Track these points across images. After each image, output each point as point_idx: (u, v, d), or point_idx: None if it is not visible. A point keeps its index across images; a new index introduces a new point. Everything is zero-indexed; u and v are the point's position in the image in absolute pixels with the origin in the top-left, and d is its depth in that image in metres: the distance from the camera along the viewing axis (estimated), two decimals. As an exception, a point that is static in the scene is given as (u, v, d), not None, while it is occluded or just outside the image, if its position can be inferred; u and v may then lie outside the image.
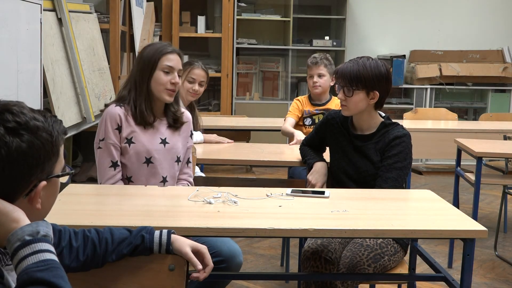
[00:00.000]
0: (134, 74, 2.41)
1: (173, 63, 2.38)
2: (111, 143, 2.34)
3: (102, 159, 2.35)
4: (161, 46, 2.40)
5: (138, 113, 2.36)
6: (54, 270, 1.08)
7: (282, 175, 5.81)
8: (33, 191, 1.15)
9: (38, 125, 1.14)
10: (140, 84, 2.37)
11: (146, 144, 2.38)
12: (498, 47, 6.90)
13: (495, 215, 4.40)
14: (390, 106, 6.63)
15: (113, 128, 2.34)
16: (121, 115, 2.35)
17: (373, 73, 2.37)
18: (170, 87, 2.36)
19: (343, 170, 2.49)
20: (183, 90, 3.42)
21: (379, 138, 2.42)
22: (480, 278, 3.45)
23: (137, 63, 2.41)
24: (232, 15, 6.16)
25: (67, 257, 1.41)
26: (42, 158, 1.14)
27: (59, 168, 1.21)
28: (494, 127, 4.37)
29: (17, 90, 2.92)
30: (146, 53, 2.39)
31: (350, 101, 2.39)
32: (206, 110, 6.38)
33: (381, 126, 2.46)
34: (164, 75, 2.36)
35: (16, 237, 1.10)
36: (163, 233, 1.51)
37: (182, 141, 2.51)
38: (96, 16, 4.78)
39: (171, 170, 2.46)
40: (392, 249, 2.29)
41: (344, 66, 2.42)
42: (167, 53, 2.37)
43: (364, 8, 6.89)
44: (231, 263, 2.31)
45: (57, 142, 1.18)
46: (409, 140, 2.41)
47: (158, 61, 2.36)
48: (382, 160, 2.39)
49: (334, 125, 2.57)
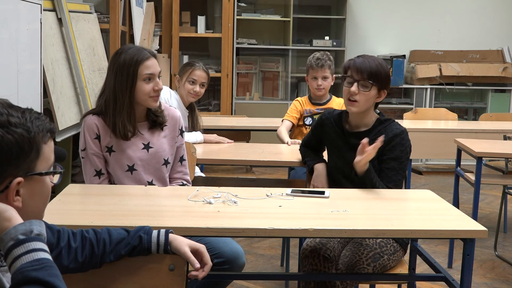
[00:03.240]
0: (111, 86, 2.30)
1: (152, 70, 2.30)
2: (92, 152, 2.33)
3: (86, 169, 2.35)
4: (135, 53, 2.29)
5: (118, 128, 2.30)
6: (48, 269, 1.07)
7: (282, 175, 5.81)
8: (8, 188, 1.14)
9: (11, 121, 1.13)
10: (121, 97, 2.28)
11: (127, 152, 2.34)
12: (498, 47, 6.90)
13: (495, 215, 4.40)
14: (390, 106, 6.63)
15: (92, 138, 2.32)
16: (98, 124, 2.32)
17: (386, 72, 2.39)
18: (154, 94, 2.31)
19: (340, 170, 2.48)
20: (184, 91, 3.42)
21: (375, 135, 2.37)
22: (480, 278, 3.45)
23: (114, 74, 2.30)
24: (232, 15, 6.16)
25: (65, 258, 1.41)
26: (15, 153, 1.13)
27: (44, 166, 1.19)
28: (494, 127, 4.36)
29: (17, 90, 2.92)
30: (121, 63, 2.28)
31: (364, 96, 2.35)
32: (206, 110, 6.38)
33: (377, 122, 2.44)
34: (146, 83, 2.29)
35: (9, 236, 1.09)
36: (161, 233, 1.51)
37: (169, 142, 2.44)
38: (96, 16, 4.78)
39: (157, 174, 2.42)
40: (392, 248, 2.30)
41: (360, 60, 2.37)
42: (144, 60, 2.28)
43: (364, 8, 6.89)
44: (233, 264, 2.31)
45: (36, 139, 1.16)
46: (407, 136, 2.41)
47: (137, 72, 2.27)
48: (383, 159, 2.37)
49: (329, 125, 2.55)
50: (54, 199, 1.98)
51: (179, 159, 2.52)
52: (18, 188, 1.15)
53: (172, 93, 3.44)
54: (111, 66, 2.34)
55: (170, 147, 2.45)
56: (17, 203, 1.15)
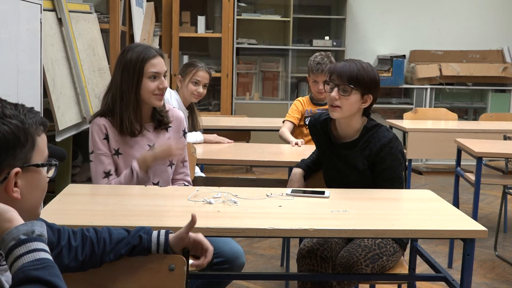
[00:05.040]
0: (117, 83, 2.33)
1: (158, 68, 2.32)
2: (101, 153, 2.33)
3: (95, 171, 2.34)
4: (142, 51, 2.31)
5: (125, 124, 2.31)
6: (50, 268, 1.08)
7: (282, 175, 5.81)
8: (7, 179, 1.15)
9: (5, 112, 1.15)
10: (127, 94, 2.30)
11: (134, 155, 2.35)
12: (498, 47, 6.90)
13: (495, 215, 4.41)
14: (390, 106, 6.63)
15: (101, 139, 2.33)
16: (107, 125, 2.33)
17: (370, 76, 2.28)
18: (158, 92, 2.32)
19: (332, 178, 2.44)
20: (187, 92, 3.42)
21: (364, 145, 2.31)
22: (480, 278, 3.45)
23: (120, 72, 2.32)
24: (232, 15, 6.16)
25: (66, 257, 1.41)
26: (12, 143, 1.15)
27: (39, 158, 1.21)
28: (494, 127, 4.37)
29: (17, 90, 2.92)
30: (128, 61, 2.30)
31: (346, 101, 2.26)
32: (206, 110, 6.38)
33: (364, 131, 2.33)
34: (151, 81, 2.30)
35: (11, 236, 1.10)
36: (161, 233, 1.52)
37: (173, 143, 2.44)
38: (96, 16, 4.77)
39: (163, 175, 2.43)
40: (391, 249, 2.28)
41: (341, 65, 2.30)
42: (151, 58, 2.30)
43: (364, 8, 6.89)
44: (233, 264, 2.31)
45: (30, 130, 1.18)
46: (397, 142, 2.31)
47: (143, 69, 2.29)
48: (376, 171, 2.31)
49: (317, 133, 2.48)
50: (54, 199, 1.99)
51: (180, 161, 2.52)
52: (16, 180, 1.17)
53: (172, 93, 3.44)
54: (118, 63, 2.36)
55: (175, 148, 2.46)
56: (16, 194, 1.17)
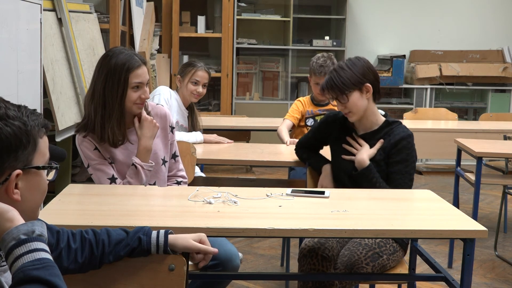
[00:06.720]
0: (100, 90, 2.26)
1: (142, 78, 2.27)
2: (97, 163, 2.30)
3: (99, 181, 2.31)
4: (127, 60, 2.24)
5: (108, 134, 2.26)
6: (50, 268, 1.08)
7: (282, 175, 5.81)
8: (7, 180, 1.15)
9: (9, 113, 1.15)
10: (111, 104, 2.25)
11: (125, 162, 2.33)
12: (498, 47, 6.90)
13: (495, 215, 4.40)
14: (390, 106, 6.63)
15: (92, 150, 2.30)
16: (92, 139, 2.30)
17: (352, 70, 2.39)
18: (139, 102, 2.28)
19: (345, 170, 2.48)
20: (187, 92, 3.42)
21: (383, 137, 2.43)
22: (480, 278, 3.45)
23: (104, 78, 2.25)
24: (232, 15, 6.16)
25: (65, 259, 1.41)
26: (14, 145, 1.14)
27: (41, 161, 1.21)
28: (494, 127, 4.36)
29: (17, 90, 2.92)
30: (112, 68, 2.23)
31: (350, 105, 2.40)
32: (206, 110, 6.38)
33: (385, 124, 2.47)
34: (134, 91, 2.26)
35: (11, 236, 1.10)
36: (160, 234, 1.51)
37: (162, 141, 2.44)
38: (96, 16, 4.77)
39: (159, 174, 2.42)
40: (391, 248, 2.29)
41: (326, 80, 2.44)
42: (135, 68, 2.24)
43: (364, 8, 6.89)
44: (226, 266, 2.30)
45: (33, 132, 1.18)
46: (413, 140, 2.43)
47: (128, 80, 2.23)
48: (389, 162, 2.40)
49: (336, 125, 2.57)
50: (54, 199, 1.98)
51: (171, 156, 2.51)
52: (17, 181, 1.17)
53: (172, 93, 3.44)
54: (100, 68, 2.28)
55: (164, 145, 2.46)
56: (16, 196, 1.17)
